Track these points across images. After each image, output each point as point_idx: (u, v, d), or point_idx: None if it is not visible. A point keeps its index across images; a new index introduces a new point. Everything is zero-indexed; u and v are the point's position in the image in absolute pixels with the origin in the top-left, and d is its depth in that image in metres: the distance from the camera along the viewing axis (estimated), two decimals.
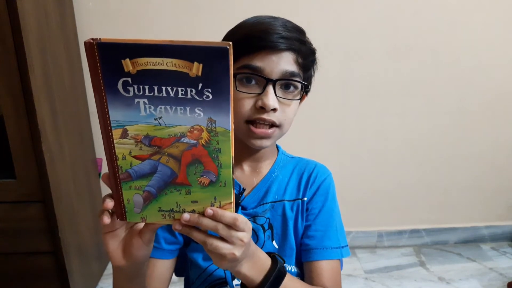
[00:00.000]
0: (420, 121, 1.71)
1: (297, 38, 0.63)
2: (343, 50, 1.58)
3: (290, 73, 0.63)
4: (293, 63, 0.63)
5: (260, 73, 0.62)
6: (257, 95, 0.63)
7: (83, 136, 1.55)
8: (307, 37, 0.68)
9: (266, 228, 0.73)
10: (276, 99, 0.63)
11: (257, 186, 0.73)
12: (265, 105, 0.61)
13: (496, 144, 1.77)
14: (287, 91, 0.65)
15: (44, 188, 1.25)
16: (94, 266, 1.66)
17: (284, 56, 0.62)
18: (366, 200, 1.82)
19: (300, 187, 0.74)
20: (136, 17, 1.51)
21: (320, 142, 1.71)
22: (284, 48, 0.62)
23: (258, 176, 0.74)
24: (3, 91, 1.15)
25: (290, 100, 0.65)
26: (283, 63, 0.62)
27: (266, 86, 0.62)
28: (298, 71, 0.64)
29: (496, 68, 1.65)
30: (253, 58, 0.62)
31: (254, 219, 0.72)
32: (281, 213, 0.73)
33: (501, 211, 1.89)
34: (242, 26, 0.66)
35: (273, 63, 0.62)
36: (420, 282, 1.66)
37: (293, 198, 0.74)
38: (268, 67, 0.62)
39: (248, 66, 0.62)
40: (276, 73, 0.62)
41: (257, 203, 0.73)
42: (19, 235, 1.31)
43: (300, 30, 0.66)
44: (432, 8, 1.55)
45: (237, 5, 1.47)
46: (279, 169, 0.75)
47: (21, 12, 1.10)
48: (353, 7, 1.53)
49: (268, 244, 0.73)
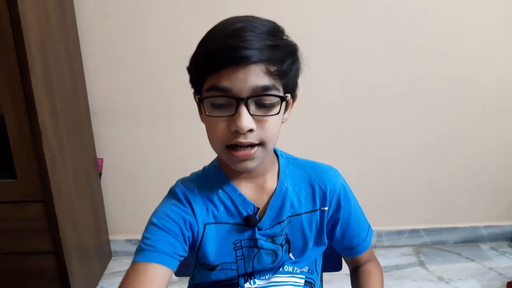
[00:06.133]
0: (419, 121, 1.71)
1: (267, 46, 0.55)
2: (343, 50, 1.58)
3: (262, 87, 0.56)
4: (264, 75, 0.56)
5: (229, 93, 0.56)
6: (230, 116, 0.57)
7: (83, 136, 1.55)
8: (284, 36, 0.60)
9: (284, 244, 0.71)
10: (251, 118, 0.57)
11: (270, 204, 0.68)
12: (238, 128, 0.56)
13: (496, 144, 1.77)
14: (263, 108, 0.58)
15: (44, 188, 1.26)
16: (95, 266, 1.66)
17: (252, 70, 0.55)
18: (365, 200, 1.80)
19: (315, 197, 0.71)
20: (136, 17, 1.51)
21: (319, 142, 1.72)
22: (250, 62, 0.54)
23: (267, 191, 0.69)
24: (4, 91, 1.15)
25: (268, 116, 0.58)
26: (252, 78, 0.55)
27: (238, 106, 0.56)
28: (273, 82, 0.57)
29: (496, 68, 1.65)
30: (219, 77, 0.55)
31: (273, 240, 0.69)
32: (299, 227, 0.71)
33: (501, 211, 1.90)
34: (207, 39, 0.60)
35: (240, 80, 0.55)
36: (419, 282, 1.66)
37: (310, 210, 0.71)
38: (236, 85, 0.55)
39: (215, 88, 0.56)
40: (246, 90, 0.55)
41: (273, 222, 0.69)
42: (20, 234, 1.31)
43: (272, 32, 0.58)
44: (432, 8, 1.55)
45: (238, 5, 1.47)
46: (287, 179, 0.71)
47: (22, 12, 1.10)
48: (353, 7, 1.53)
49: (285, 257, 0.72)
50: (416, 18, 1.56)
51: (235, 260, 0.69)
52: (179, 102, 1.61)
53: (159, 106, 1.62)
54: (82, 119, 1.54)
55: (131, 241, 1.81)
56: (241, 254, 0.69)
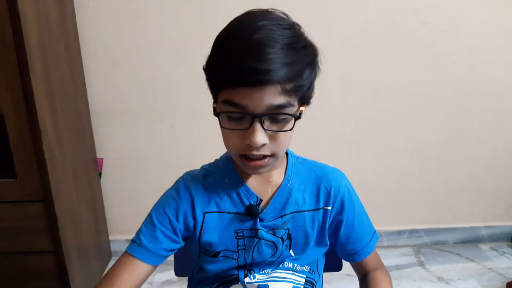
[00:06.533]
0: (419, 121, 1.71)
1: (283, 65, 0.55)
2: (343, 49, 1.58)
3: (277, 106, 0.57)
4: (279, 95, 0.56)
5: (244, 110, 0.57)
6: (245, 130, 0.59)
7: (83, 136, 1.55)
8: (305, 42, 0.60)
9: (285, 239, 0.72)
10: (265, 133, 0.59)
11: (274, 197, 0.71)
12: (252, 143, 0.58)
13: (496, 144, 1.77)
14: (277, 123, 0.59)
15: (44, 188, 1.26)
16: (95, 266, 1.66)
17: (268, 90, 0.55)
18: (365, 200, 1.80)
19: (320, 196, 0.73)
20: (136, 17, 1.51)
21: (319, 142, 1.72)
22: (267, 84, 0.55)
23: (272, 185, 0.72)
24: (4, 90, 1.15)
25: (281, 132, 0.60)
26: (267, 98, 0.56)
27: (253, 122, 0.57)
28: (288, 99, 0.58)
29: (496, 68, 1.65)
30: (235, 94, 0.56)
31: (274, 232, 0.71)
32: (301, 224, 0.72)
33: (500, 211, 1.90)
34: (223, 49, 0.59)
35: (256, 99, 0.56)
36: (419, 282, 1.66)
37: (313, 208, 0.73)
38: (251, 104, 0.56)
39: (230, 103, 0.57)
40: (262, 108, 0.57)
41: (276, 215, 0.71)
42: (20, 234, 1.31)
43: (291, 44, 0.56)
44: (432, 8, 1.55)
45: (238, 5, 1.47)
46: (293, 177, 0.73)
47: (22, 12, 1.10)
48: (353, 6, 1.54)
49: (285, 253, 0.73)
50: (417, 18, 1.56)
51: (236, 249, 0.71)
52: (179, 102, 1.61)
53: (159, 106, 1.62)
54: (82, 119, 1.54)
55: None
56: (243, 244, 0.71)
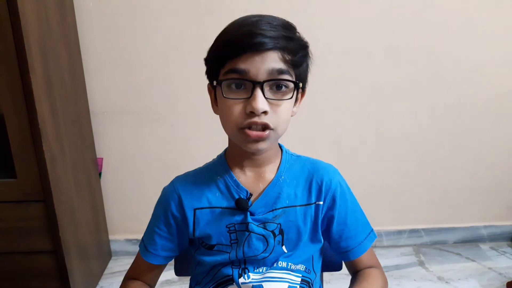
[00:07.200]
0: (419, 121, 1.71)
1: (282, 36, 0.61)
2: (342, 49, 1.58)
3: (277, 70, 0.61)
4: (279, 61, 0.61)
5: (246, 76, 0.61)
6: (246, 99, 0.62)
7: (83, 136, 1.55)
8: (297, 33, 0.66)
9: (277, 234, 0.72)
10: (266, 101, 0.61)
11: (265, 191, 0.72)
12: (254, 109, 0.60)
13: (496, 144, 1.77)
14: (277, 91, 0.63)
15: (44, 188, 1.26)
16: (95, 266, 1.66)
17: (269, 55, 0.60)
18: (365, 200, 1.81)
19: (311, 191, 0.73)
20: (136, 17, 1.51)
21: (319, 141, 1.72)
22: (267, 48, 0.60)
23: (264, 180, 0.72)
24: (4, 90, 1.15)
25: (281, 101, 0.63)
26: (268, 62, 0.60)
27: (254, 89, 0.61)
28: (287, 68, 0.62)
29: (495, 68, 1.65)
30: (237, 61, 0.61)
31: (265, 226, 0.71)
32: (293, 219, 0.72)
33: (500, 211, 1.90)
34: (226, 31, 0.65)
35: (257, 63, 0.60)
36: (419, 282, 1.66)
37: (305, 203, 0.73)
38: (253, 68, 0.60)
39: (233, 70, 0.61)
40: (262, 73, 0.61)
41: (267, 209, 0.71)
42: (20, 234, 1.32)
43: (286, 26, 0.64)
44: (432, 8, 1.55)
45: (238, 5, 1.47)
46: (285, 172, 0.73)
47: (22, 12, 1.10)
48: (352, 6, 1.54)
49: (278, 249, 0.72)
50: (416, 18, 1.56)
51: (229, 243, 0.72)
52: (179, 102, 1.61)
53: (159, 106, 1.62)
54: (82, 119, 1.54)
55: (131, 241, 1.81)
56: (235, 238, 0.72)
